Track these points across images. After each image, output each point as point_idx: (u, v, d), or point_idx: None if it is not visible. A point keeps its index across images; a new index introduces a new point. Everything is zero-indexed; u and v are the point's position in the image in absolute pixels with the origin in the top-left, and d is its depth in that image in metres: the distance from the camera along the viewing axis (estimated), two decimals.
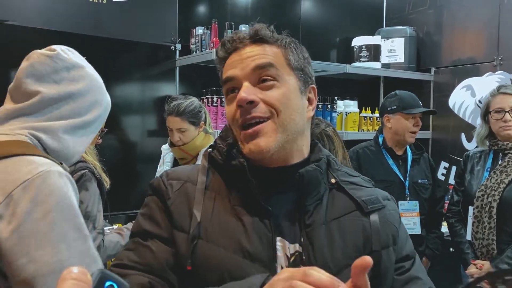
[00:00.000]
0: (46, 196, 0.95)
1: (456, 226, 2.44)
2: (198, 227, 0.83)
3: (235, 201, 0.87)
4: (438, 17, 3.58)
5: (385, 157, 2.56)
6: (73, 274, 0.42)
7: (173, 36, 2.92)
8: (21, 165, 0.98)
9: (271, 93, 0.86)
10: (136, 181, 2.85)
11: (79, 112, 1.15)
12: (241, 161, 0.86)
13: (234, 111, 0.87)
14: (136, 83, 2.86)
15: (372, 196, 0.92)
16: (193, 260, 0.81)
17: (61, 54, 1.16)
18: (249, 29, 0.91)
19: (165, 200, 0.88)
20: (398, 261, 0.91)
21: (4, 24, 2.31)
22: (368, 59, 3.44)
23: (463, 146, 3.41)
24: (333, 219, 0.87)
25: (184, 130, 2.31)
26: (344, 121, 3.25)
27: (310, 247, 0.84)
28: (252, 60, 0.87)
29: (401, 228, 0.94)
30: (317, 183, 0.89)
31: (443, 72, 3.58)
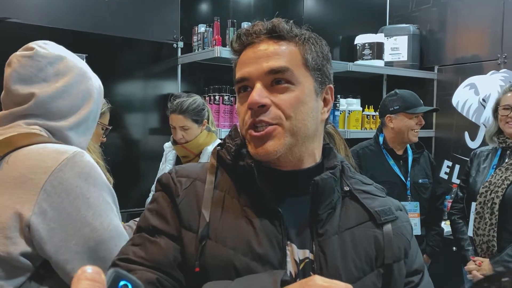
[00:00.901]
0: (88, 172, 1.03)
1: (459, 222, 2.44)
2: (207, 227, 0.82)
3: (245, 202, 0.85)
4: (442, 15, 3.56)
5: (386, 157, 2.53)
6: (88, 274, 0.42)
7: (175, 33, 2.92)
8: (52, 150, 1.03)
9: (284, 97, 0.83)
10: (138, 179, 2.85)
11: (77, 104, 1.15)
12: (249, 163, 0.84)
13: (244, 111, 0.85)
14: (138, 81, 2.85)
15: (386, 207, 0.90)
16: (201, 261, 0.80)
17: (39, 51, 1.13)
18: (267, 23, 0.86)
19: (174, 197, 0.85)
20: (407, 275, 0.89)
21: (6, 21, 2.31)
22: (371, 57, 3.43)
23: (467, 144, 3.39)
24: (346, 229, 0.85)
25: (187, 128, 2.31)
26: (346, 119, 3.24)
27: (323, 257, 0.82)
28: (266, 61, 0.83)
29: (413, 241, 0.92)
30: (331, 191, 0.86)
31: (446, 70, 3.56)
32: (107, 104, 2.05)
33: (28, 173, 0.99)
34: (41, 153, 1.01)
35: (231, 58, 0.91)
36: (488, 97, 3.26)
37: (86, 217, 1.01)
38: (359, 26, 3.64)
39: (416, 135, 2.50)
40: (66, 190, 1.00)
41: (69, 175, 1.00)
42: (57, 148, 1.04)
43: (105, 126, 2.02)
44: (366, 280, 0.82)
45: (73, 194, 1.00)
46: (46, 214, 0.98)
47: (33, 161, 1.00)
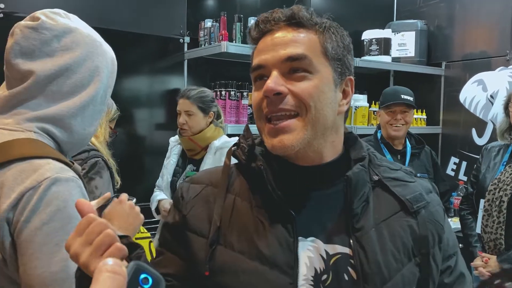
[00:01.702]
0: (46, 205, 0.92)
1: (468, 218, 2.43)
2: (217, 232, 0.81)
3: (257, 203, 0.83)
4: (450, 10, 3.53)
5: (384, 151, 2.59)
6: (108, 266, 0.43)
7: (181, 29, 2.91)
8: (30, 171, 0.94)
9: (301, 85, 0.79)
10: (144, 174, 2.85)
11: (81, 84, 1.04)
12: (259, 165, 0.82)
13: (260, 99, 0.81)
14: (144, 76, 2.85)
15: (416, 193, 0.87)
16: (210, 266, 0.80)
17: (46, 22, 1.02)
18: (286, 10, 0.83)
19: (180, 209, 0.88)
20: (444, 261, 0.87)
21: (14, 15, 2.32)
22: (378, 52, 3.40)
23: (474, 141, 3.37)
24: (382, 221, 0.83)
25: (191, 114, 2.32)
26: (353, 115, 3.23)
27: (362, 252, 0.79)
28: (284, 48, 0.80)
29: (446, 224, 0.90)
30: (364, 184, 0.84)
31: (454, 66, 3.53)
32: (117, 111, 2.09)
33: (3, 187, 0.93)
34: (16, 179, 0.94)
35: (251, 47, 0.87)
36: (496, 93, 3.23)
37: (23, 256, 0.92)
38: (366, 21, 3.61)
39: (396, 130, 2.53)
40: (17, 223, 0.92)
41: (26, 207, 0.91)
42: (33, 173, 0.94)
43: (113, 131, 2.06)
44: (405, 271, 0.81)
45: (20, 228, 0.91)
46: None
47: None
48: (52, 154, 0.99)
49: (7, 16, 2.31)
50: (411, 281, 0.81)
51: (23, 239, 0.91)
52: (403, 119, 2.51)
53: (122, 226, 1.19)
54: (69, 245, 0.71)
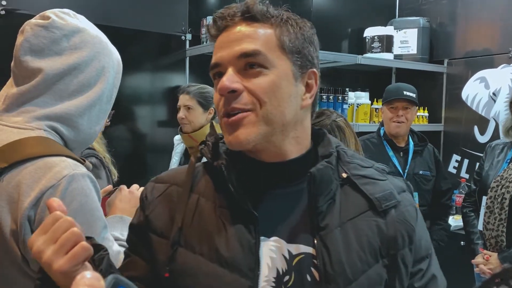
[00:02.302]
0: (69, 202, 0.93)
1: (470, 215, 2.43)
2: (178, 233, 0.80)
3: (221, 203, 0.81)
4: (452, 8, 3.52)
5: (386, 148, 2.59)
6: (86, 279, 0.42)
7: (183, 26, 2.91)
8: (46, 169, 0.95)
9: (257, 81, 0.78)
10: (146, 172, 2.86)
11: (88, 83, 1.06)
12: (219, 163, 0.80)
13: (218, 98, 0.80)
14: (146, 73, 2.85)
15: (386, 191, 0.84)
16: (171, 267, 0.78)
17: (56, 21, 1.05)
18: (241, 4, 0.81)
19: (144, 209, 0.87)
20: (415, 263, 0.84)
21: (16, 12, 2.32)
22: (380, 50, 3.39)
23: (476, 139, 3.36)
24: (348, 220, 0.80)
25: (190, 107, 2.30)
26: (355, 112, 3.22)
27: (325, 252, 0.77)
28: (238, 44, 0.78)
29: (418, 225, 0.86)
30: (329, 181, 0.81)
31: (456, 63, 3.52)
32: None
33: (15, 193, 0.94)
34: (34, 177, 0.95)
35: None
36: (499, 91, 3.22)
37: None
38: (369, 18, 3.60)
39: (396, 127, 2.53)
40: (40, 220, 0.91)
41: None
42: (50, 171, 0.96)
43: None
44: (371, 273, 0.79)
45: None
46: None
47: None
48: (65, 152, 1.01)
49: (9, 13, 2.31)
50: (377, 282, 0.79)
51: None
52: (404, 116, 2.51)
53: (126, 209, 1.24)
54: (32, 242, 0.69)
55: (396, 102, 2.52)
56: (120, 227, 1.19)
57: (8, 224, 0.93)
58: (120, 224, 1.20)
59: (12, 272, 0.97)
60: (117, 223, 1.20)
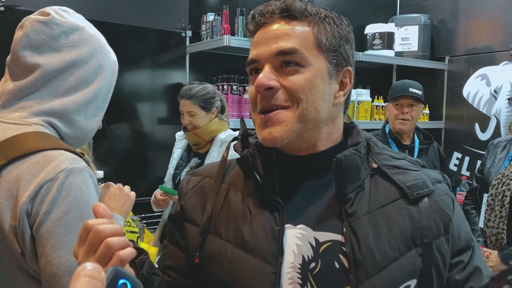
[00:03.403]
0: (65, 196, 0.95)
1: (471, 213, 2.43)
2: (208, 221, 0.84)
3: (249, 192, 0.84)
4: (454, 5, 3.50)
5: (391, 146, 2.57)
6: (87, 271, 0.42)
7: (183, 22, 2.90)
8: (45, 162, 0.96)
9: (293, 79, 0.79)
10: (146, 169, 2.85)
11: (85, 80, 1.07)
12: (247, 153, 0.84)
13: (255, 94, 0.82)
14: (146, 70, 2.84)
15: (419, 180, 0.83)
16: (201, 254, 0.82)
17: (56, 18, 1.05)
18: (281, 2, 0.83)
19: (181, 200, 0.92)
20: (454, 255, 0.83)
21: (15, 9, 2.31)
22: (381, 47, 3.39)
23: (477, 136, 3.36)
24: (379, 208, 0.80)
25: (194, 114, 2.30)
26: (356, 110, 3.22)
27: (354, 238, 0.77)
28: (276, 42, 0.80)
29: (456, 215, 0.84)
30: (357, 168, 0.82)
31: (457, 61, 3.51)
32: None
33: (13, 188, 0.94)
34: (32, 170, 0.95)
35: (250, 40, 0.87)
36: (500, 88, 3.21)
37: (44, 247, 0.93)
38: (370, 15, 3.59)
39: (400, 124, 2.51)
40: (37, 214, 0.93)
41: (45, 199, 0.93)
42: (48, 164, 0.96)
43: None
44: (403, 261, 0.77)
45: (40, 220, 0.93)
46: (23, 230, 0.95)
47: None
48: (63, 146, 1.01)
49: (8, 9, 2.30)
50: (410, 271, 0.77)
51: (44, 231, 0.93)
52: (409, 113, 2.49)
53: (115, 207, 1.23)
54: (76, 254, 0.71)
55: (401, 99, 2.49)
56: None
57: (8, 220, 0.94)
58: None
59: (11, 268, 0.97)
60: None
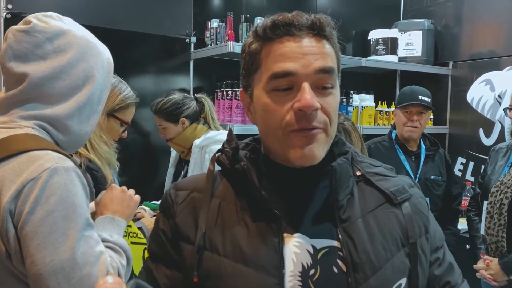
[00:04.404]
0: (49, 195, 0.94)
1: (474, 219, 2.41)
2: (202, 237, 0.81)
3: (243, 206, 0.83)
4: (458, 10, 3.51)
5: (398, 152, 2.56)
6: (108, 284, 0.42)
7: (188, 29, 2.91)
8: (29, 162, 0.95)
9: (329, 100, 0.79)
10: (150, 175, 2.86)
11: (76, 85, 1.05)
12: (243, 165, 0.82)
13: (284, 112, 0.78)
14: (150, 76, 2.86)
15: (399, 185, 0.89)
16: (199, 272, 0.79)
17: (37, 25, 1.04)
18: (312, 17, 0.79)
19: (171, 214, 0.86)
20: (432, 252, 0.89)
21: (21, 16, 2.33)
22: (385, 52, 3.39)
23: (481, 141, 3.34)
24: (369, 212, 0.84)
25: (164, 127, 2.35)
26: (359, 115, 3.22)
27: (351, 242, 0.80)
28: (315, 59, 0.77)
29: (431, 216, 0.92)
30: (348, 176, 0.86)
31: (461, 66, 3.51)
32: (132, 98, 1.81)
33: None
34: (16, 170, 0.95)
35: (251, 43, 0.82)
36: (504, 93, 3.20)
37: (29, 247, 0.92)
38: (373, 21, 3.60)
39: (410, 131, 2.50)
40: (20, 214, 0.93)
41: (28, 199, 0.93)
42: (32, 164, 0.95)
43: (123, 122, 1.80)
44: (395, 261, 0.82)
45: (24, 219, 0.93)
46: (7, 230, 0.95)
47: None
48: (50, 146, 1.00)
49: (15, 16, 2.33)
50: (401, 270, 0.82)
51: (28, 230, 0.92)
52: (418, 121, 2.49)
53: (117, 210, 1.22)
54: None
55: (410, 107, 2.48)
56: (110, 228, 1.17)
57: None
58: (111, 226, 1.18)
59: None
60: (108, 224, 1.18)
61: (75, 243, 0.95)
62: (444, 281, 0.89)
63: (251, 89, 0.85)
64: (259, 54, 0.81)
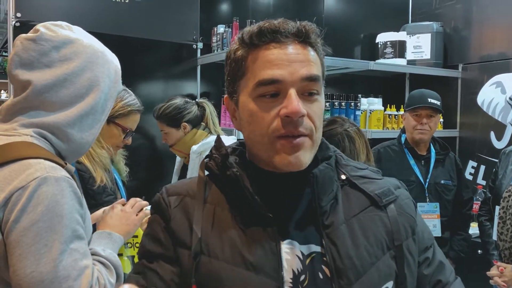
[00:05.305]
0: (35, 204, 0.93)
1: (486, 224, 2.37)
2: (199, 243, 0.80)
3: (236, 211, 0.83)
4: (467, 12, 3.47)
5: (407, 156, 2.53)
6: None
7: (194, 35, 2.92)
8: (20, 171, 0.95)
9: (314, 107, 0.80)
10: (156, 180, 2.86)
11: (80, 93, 1.06)
12: (235, 172, 0.82)
13: (270, 119, 0.78)
14: (158, 82, 2.87)
15: (384, 188, 0.89)
16: (197, 277, 0.79)
17: (45, 34, 1.05)
18: (297, 24, 0.80)
19: (167, 218, 0.85)
20: (421, 253, 0.89)
21: (30, 24, 2.35)
22: (393, 55, 3.36)
23: (492, 144, 3.30)
24: (352, 217, 0.84)
25: (166, 132, 2.36)
26: (368, 119, 3.19)
27: (334, 248, 0.80)
28: (301, 66, 0.78)
29: (418, 217, 0.91)
30: (330, 181, 0.85)
31: (471, 68, 3.47)
32: (134, 106, 1.78)
33: None
34: (7, 178, 0.95)
35: (235, 50, 0.82)
36: None
37: (12, 256, 0.92)
38: (381, 24, 3.58)
39: (419, 133, 2.47)
40: (6, 222, 0.93)
41: (15, 207, 0.92)
42: (23, 172, 0.95)
43: (124, 128, 1.77)
44: (380, 264, 0.81)
45: (9, 228, 0.92)
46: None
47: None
48: (45, 155, 1.00)
49: (24, 25, 2.34)
50: (387, 274, 0.82)
51: (12, 239, 0.92)
52: (428, 124, 2.46)
53: (114, 225, 1.24)
54: None
55: (420, 110, 2.46)
56: (104, 243, 1.17)
57: None
58: (106, 240, 1.18)
59: None
60: (103, 239, 1.18)
61: (57, 255, 0.93)
62: (434, 279, 0.89)
63: (237, 95, 0.85)
64: (245, 61, 0.81)
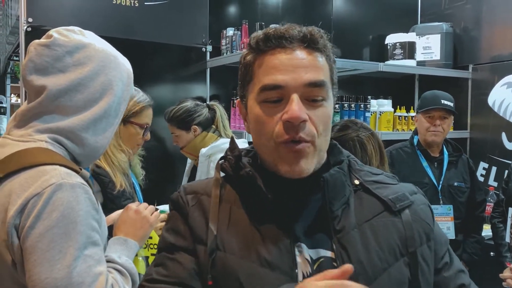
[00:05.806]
0: (51, 211, 0.94)
1: (499, 227, 2.35)
2: (215, 239, 0.81)
3: (251, 211, 0.84)
4: (477, 12, 3.45)
5: (420, 158, 2.50)
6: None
7: (204, 38, 2.93)
8: (36, 177, 0.96)
9: (318, 113, 0.80)
10: (168, 181, 2.87)
11: (93, 98, 1.07)
12: (248, 172, 0.83)
13: (274, 124, 0.79)
14: (167, 85, 2.88)
15: (399, 193, 0.87)
16: (213, 273, 0.79)
17: (58, 39, 1.06)
18: (303, 29, 0.81)
19: (185, 215, 0.87)
20: (439, 260, 0.87)
21: (42, 29, 2.38)
22: (403, 56, 3.35)
23: (504, 146, 3.27)
24: (365, 222, 0.83)
25: (176, 135, 2.39)
26: (378, 120, 3.18)
27: (344, 253, 0.79)
28: (305, 72, 0.78)
29: (435, 222, 0.90)
30: (342, 186, 0.85)
31: (482, 69, 3.44)
32: (145, 101, 1.82)
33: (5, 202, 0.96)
34: (23, 185, 0.96)
35: (244, 55, 0.84)
36: None
37: (27, 262, 0.93)
38: (390, 25, 3.56)
39: (432, 135, 2.46)
40: (23, 228, 0.94)
41: (31, 213, 0.94)
42: (39, 179, 0.96)
43: (141, 125, 1.80)
44: (393, 271, 0.80)
45: (25, 234, 0.94)
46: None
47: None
48: (60, 161, 1.01)
49: (35, 30, 2.37)
50: (400, 281, 0.80)
51: (28, 245, 0.93)
52: (441, 126, 2.44)
53: (128, 232, 1.23)
54: None
55: (433, 111, 2.44)
56: (120, 250, 1.17)
57: (1, 234, 0.96)
58: (122, 247, 1.18)
59: (7, 282, 0.99)
60: (119, 245, 1.19)
61: (71, 262, 0.94)
62: (457, 284, 0.88)
63: (246, 99, 0.86)
64: (252, 66, 0.83)
